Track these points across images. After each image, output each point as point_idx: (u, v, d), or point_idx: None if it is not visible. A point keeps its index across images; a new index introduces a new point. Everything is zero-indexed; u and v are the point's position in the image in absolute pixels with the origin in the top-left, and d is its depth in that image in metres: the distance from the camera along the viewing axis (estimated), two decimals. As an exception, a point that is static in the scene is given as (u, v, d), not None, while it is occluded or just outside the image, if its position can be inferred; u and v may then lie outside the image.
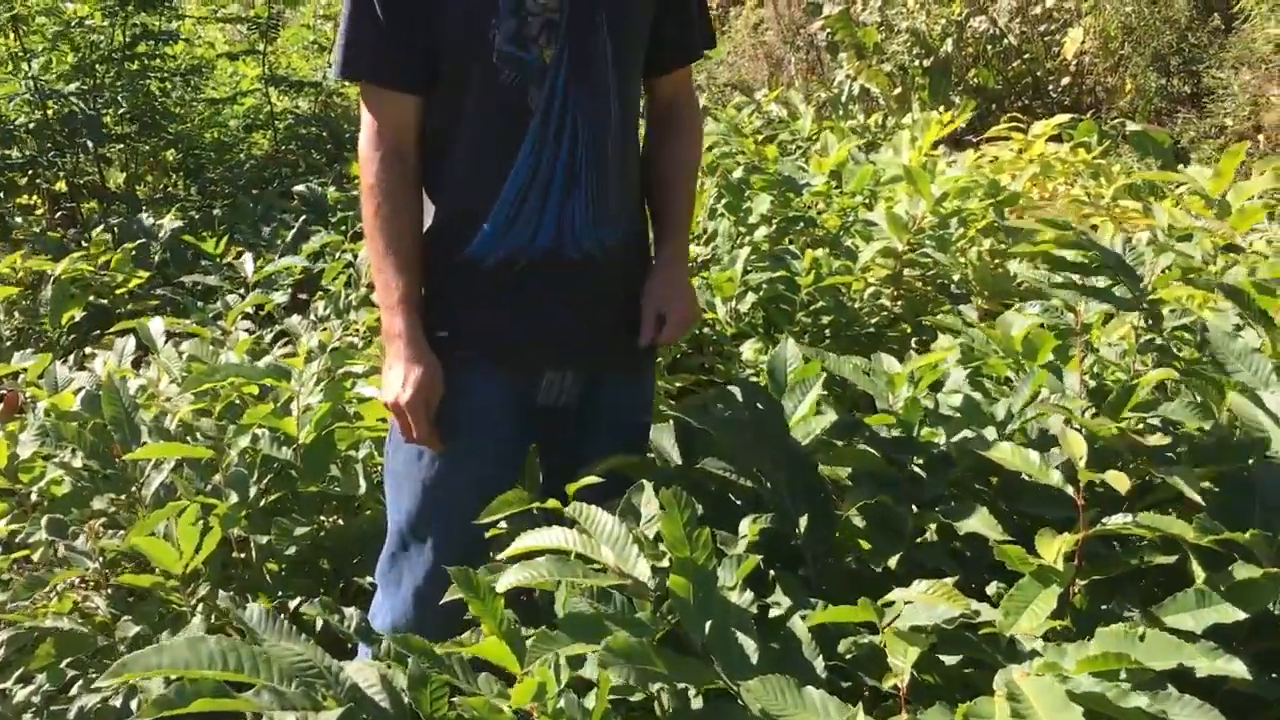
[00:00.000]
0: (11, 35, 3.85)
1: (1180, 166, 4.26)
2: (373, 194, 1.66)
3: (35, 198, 4.43)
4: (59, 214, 4.25)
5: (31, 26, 4.06)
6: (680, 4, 1.75)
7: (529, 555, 1.33)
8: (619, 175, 1.69)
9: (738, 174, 3.55)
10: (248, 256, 2.96)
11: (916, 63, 5.42)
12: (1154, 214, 2.57)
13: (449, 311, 1.69)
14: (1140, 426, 1.60)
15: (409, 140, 1.67)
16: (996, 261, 3.27)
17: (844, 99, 5.80)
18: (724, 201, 3.35)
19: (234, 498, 1.93)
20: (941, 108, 5.43)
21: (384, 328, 1.67)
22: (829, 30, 5.68)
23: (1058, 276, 1.81)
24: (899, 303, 3.13)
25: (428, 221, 1.71)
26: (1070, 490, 1.41)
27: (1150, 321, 1.81)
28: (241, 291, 2.91)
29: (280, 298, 2.88)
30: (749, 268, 3.06)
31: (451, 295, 1.70)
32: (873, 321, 3.08)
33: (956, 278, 3.22)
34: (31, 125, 3.84)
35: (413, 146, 1.67)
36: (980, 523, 1.47)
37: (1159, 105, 4.88)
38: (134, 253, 3.28)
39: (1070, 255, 1.84)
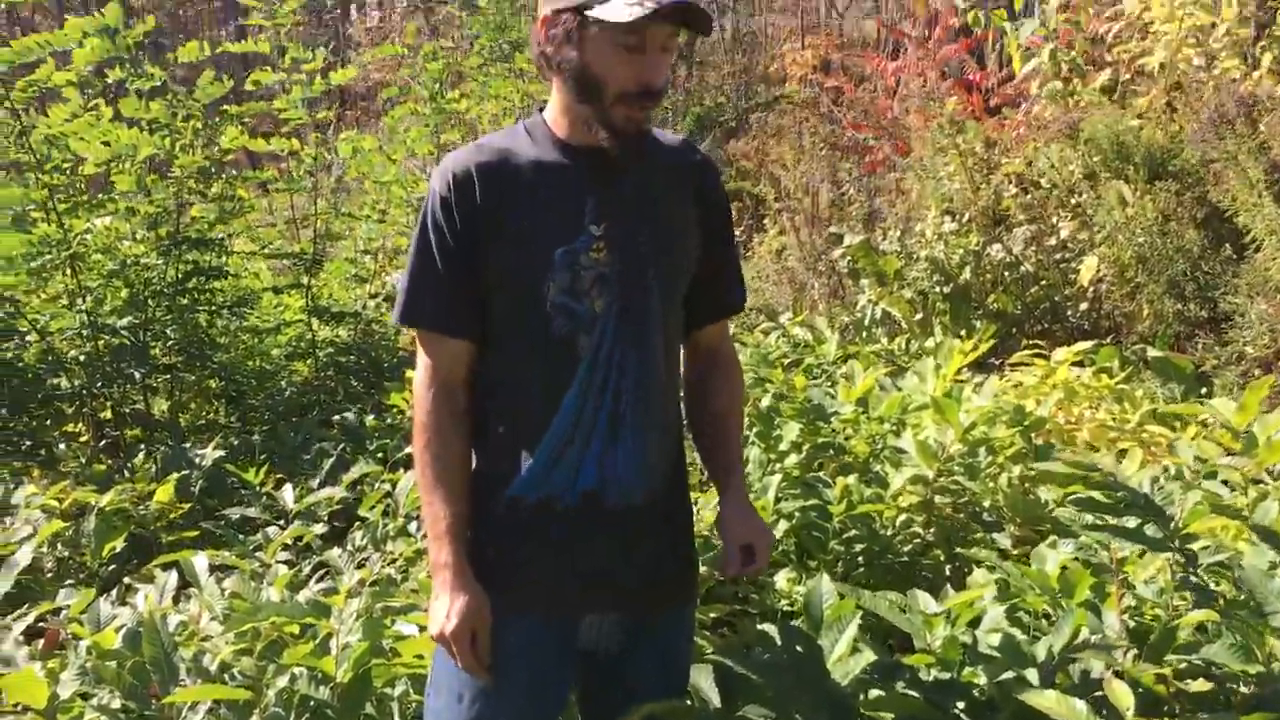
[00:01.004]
0: (69, 272, 4.04)
1: (1204, 391, 4.34)
2: (424, 429, 1.73)
3: (81, 425, 4.54)
4: (103, 442, 4.35)
5: (89, 264, 4.26)
6: (719, 262, 1.86)
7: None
8: (660, 422, 1.76)
9: (766, 402, 3.64)
10: (287, 487, 3.03)
11: (937, 289, 5.58)
12: (1179, 452, 2.61)
13: (489, 549, 1.73)
14: (1183, 666, 1.59)
15: (460, 380, 1.76)
16: (1027, 487, 3.29)
17: (867, 323, 5.95)
18: (754, 429, 3.41)
19: (271, 739, 1.92)
20: (964, 333, 5.57)
21: (431, 558, 1.72)
22: (850, 258, 5.88)
23: (1089, 516, 1.83)
24: (932, 530, 3.13)
25: (474, 460, 1.77)
26: (1118, 742, 1.39)
27: (1184, 559, 1.82)
28: (281, 523, 2.96)
29: (319, 529, 2.92)
30: (780, 495, 3.09)
31: (492, 533, 1.74)
32: (906, 549, 3.08)
33: (988, 504, 3.23)
34: (82, 357, 3.98)
35: (463, 386, 1.76)
36: (1028, 774, 1.45)
37: (1178, 330, 4.98)
38: (175, 483, 3.35)
39: (1098, 495, 1.87)
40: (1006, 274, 5.55)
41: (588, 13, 1.62)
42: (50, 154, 4.18)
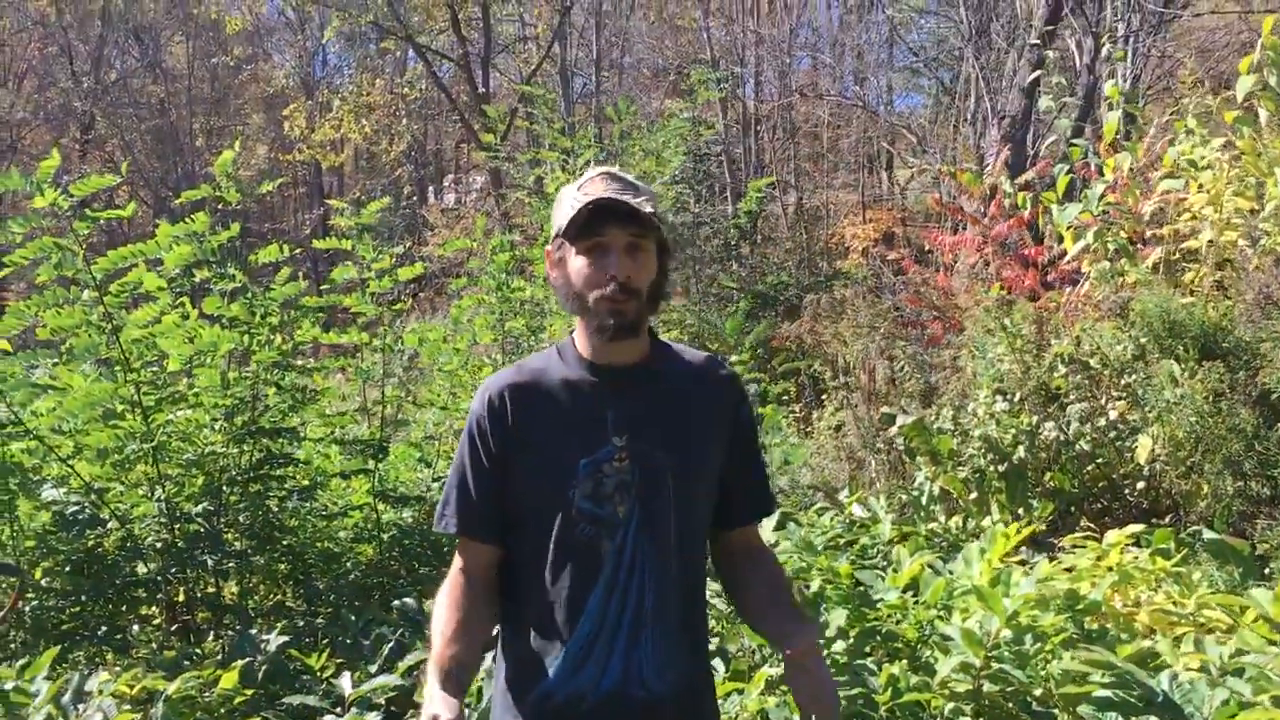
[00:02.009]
0: (150, 462, 4.27)
1: (1265, 573, 4.27)
2: (445, 598, 1.88)
3: (155, 609, 4.69)
4: (175, 626, 4.50)
5: (169, 453, 4.49)
6: (746, 470, 1.99)
7: None
8: (681, 622, 1.86)
9: (814, 586, 3.68)
10: (345, 676, 3.13)
11: (991, 467, 5.61)
12: (1204, 650, 2.61)
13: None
14: None
15: (487, 580, 1.91)
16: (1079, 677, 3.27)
17: (924, 501, 5.97)
18: (801, 616, 3.45)
19: None
20: (1021, 511, 5.56)
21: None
22: (904, 437, 5.95)
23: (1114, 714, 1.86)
24: (981, 720, 3.12)
25: (502, 665, 1.89)
26: None
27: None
28: (338, 710, 3.05)
29: (374, 718, 3.01)
30: (827, 683, 3.10)
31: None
32: (955, 741, 3.07)
33: (1038, 693, 3.21)
34: (158, 545, 4.17)
35: (491, 585, 1.91)
36: None
37: (1240, 508, 4.94)
38: (240, 670, 3.47)
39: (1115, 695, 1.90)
40: (1062, 452, 5.57)
41: (560, 236, 1.83)
42: (140, 351, 4.47)
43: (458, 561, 1.93)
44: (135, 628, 4.55)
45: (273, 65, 33.71)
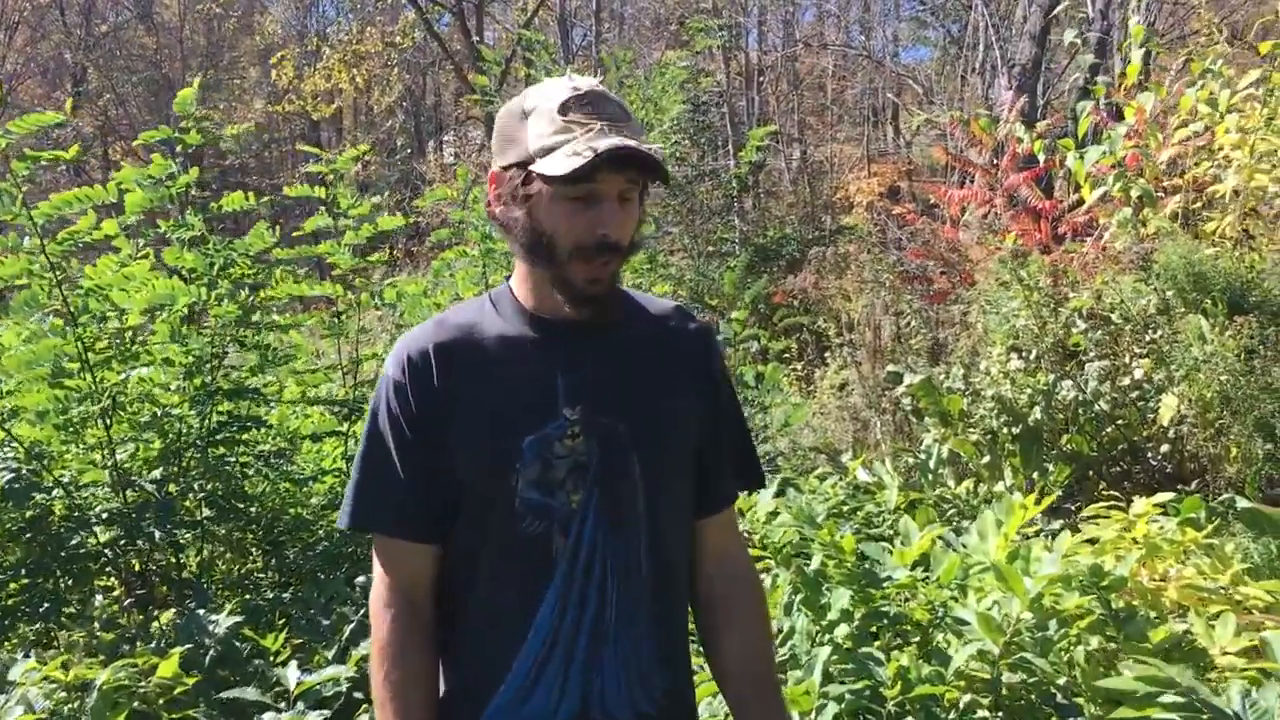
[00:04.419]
0: (99, 426, 3.95)
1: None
2: (383, 656, 1.50)
3: (115, 580, 4.40)
4: (131, 598, 4.21)
5: (123, 416, 4.17)
6: (722, 443, 1.65)
7: None
8: (654, 633, 1.53)
9: (815, 563, 3.36)
10: (292, 666, 2.82)
11: (1005, 429, 5.29)
12: (1274, 652, 2.29)
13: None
14: None
15: (424, 594, 1.54)
16: (1106, 662, 2.97)
17: (933, 465, 5.65)
18: (800, 596, 3.14)
19: None
20: (1036, 475, 5.24)
21: None
22: (912, 397, 5.62)
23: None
24: (1000, 715, 2.82)
25: (440, 686, 1.55)
26: None
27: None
28: (282, 706, 2.74)
29: (316, 717, 2.69)
30: (829, 672, 2.81)
31: (465, 762, 1.51)
32: (971, 738, 2.76)
33: (1062, 682, 2.90)
34: (104, 514, 3.86)
35: (428, 600, 1.54)
36: None
37: (1270, 472, 4.62)
38: (185, 654, 3.16)
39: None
40: (1080, 413, 5.24)
41: (531, 168, 1.46)
42: (89, 305, 4.13)
43: (383, 580, 1.55)
44: (99, 599, 4.26)
45: (270, 19, 33.06)
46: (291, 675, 2.77)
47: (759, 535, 3.63)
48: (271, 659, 3.24)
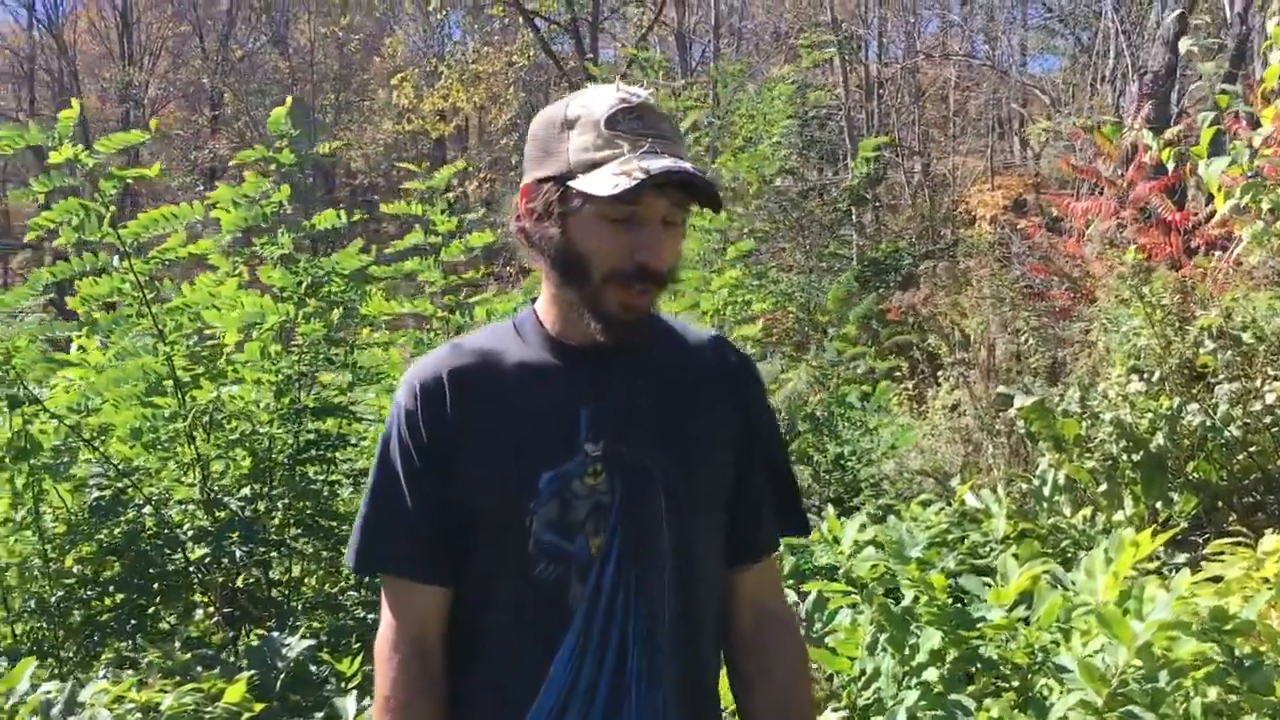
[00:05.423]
0: (188, 444, 3.97)
1: None
2: (385, 708, 1.39)
3: (209, 595, 4.42)
4: (218, 616, 4.22)
5: (216, 434, 4.19)
6: (761, 486, 1.49)
7: None
8: (681, 689, 1.38)
9: (907, 600, 3.15)
10: (352, 696, 2.75)
11: (1125, 455, 4.96)
12: None
13: None
14: None
15: (434, 640, 1.42)
16: (1227, 716, 2.70)
17: (1048, 491, 5.34)
18: (886, 635, 2.94)
19: None
20: (1160, 505, 4.91)
21: None
22: (1024, 420, 5.33)
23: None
24: (1105, 775, 2.58)
25: None
26: None
27: None
28: (342, 736, 2.67)
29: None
30: (916, 716, 2.61)
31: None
32: (1072, 801, 2.53)
33: (1175, 738, 2.65)
34: (191, 532, 3.87)
35: (438, 647, 1.42)
36: None
37: None
38: (256, 678, 3.12)
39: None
40: (1207, 440, 4.88)
41: (571, 184, 1.33)
42: (182, 323, 4.17)
43: (391, 625, 1.44)
44: (198, 613, 4.29)
45: (394, 40, 33.89)
46: (350, 705, 2.69)
47: (844, 569, 3.44)
48: (344, 685, 3.19)
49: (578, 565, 1.35)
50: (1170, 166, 7.44)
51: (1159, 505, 4.89)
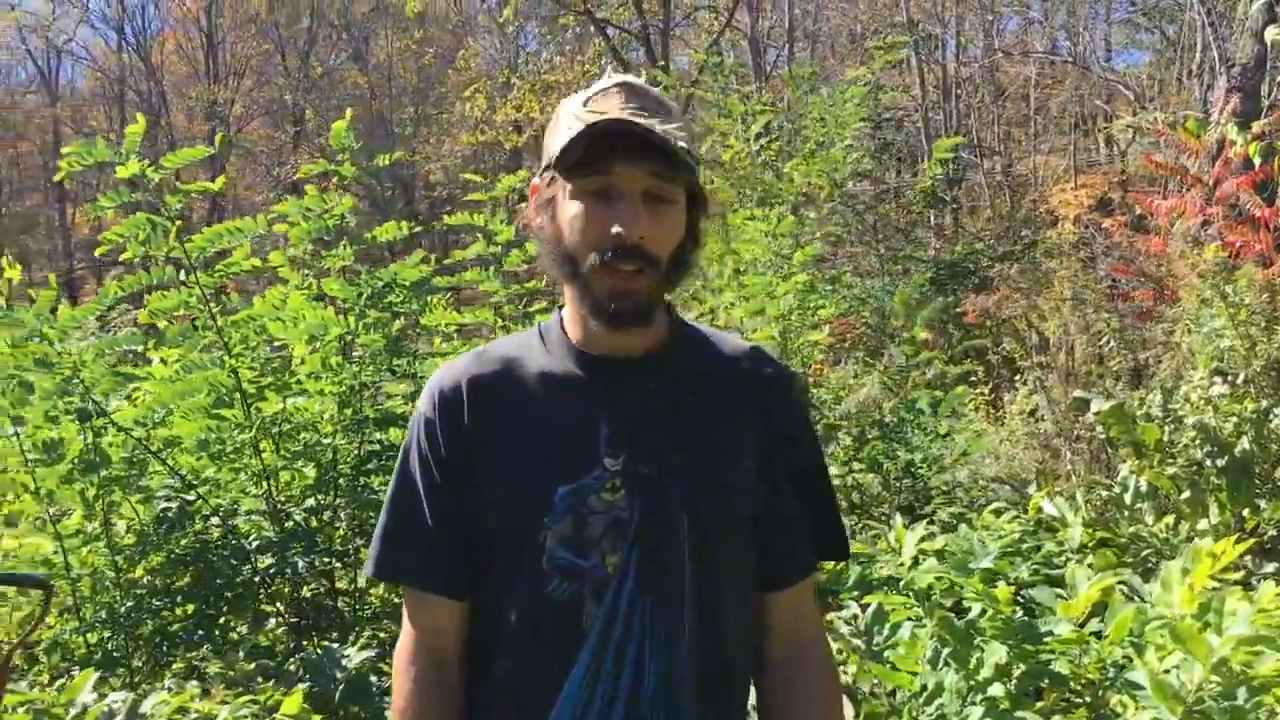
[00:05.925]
0: (253, 455, 4.01)
1: None
2: (401, 719, 1.37)
3: (278, 604, 4.46)
4: (285, 627, 4.26)
5: (281, 446, 4.22)
6: (794, 506, 1.43)
7: None
8: (700, 716, 1.32)
9: (974, 613, 3.05)
10: (401, 708, 2.74)
11: (1209, 461, 4.77)
12: None
13: None
14: None
15: (452, 653, 1.39)
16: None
17: (1129, 498, 5.16)
18: (948, 650, 2.85)
19: None
20: (1246, 512, 4.72)
21: None
22: (1102, 425, 5.16)
23: None
24: (1180, 798, 2.46)
25: None
26: None
27: None
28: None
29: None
30: (980, 737, 2.52)
31: None
32: (1145, 824, 2.42)
33: (1257, 762, 2.52)
34: (257, 543, 3.91)
35: (456, 660, 1.39)
36: None
37: None
38: (316, 689, 3.13)
39: None
40: (1297, 444, 4.68)
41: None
42: (247, 336, 4.21)
43: (409, 635, 1.42)
44: (271, 622, 4.34)
45: (469, 51, 34.25)
46: (398, 718, 2.68)
47: (904, 580, 3.34)
48: (398, 696, 3.18)
49: (593, 583, 1.30)
50: (1257, 161, 7.19)
51: (1245, 512, 4.70)
